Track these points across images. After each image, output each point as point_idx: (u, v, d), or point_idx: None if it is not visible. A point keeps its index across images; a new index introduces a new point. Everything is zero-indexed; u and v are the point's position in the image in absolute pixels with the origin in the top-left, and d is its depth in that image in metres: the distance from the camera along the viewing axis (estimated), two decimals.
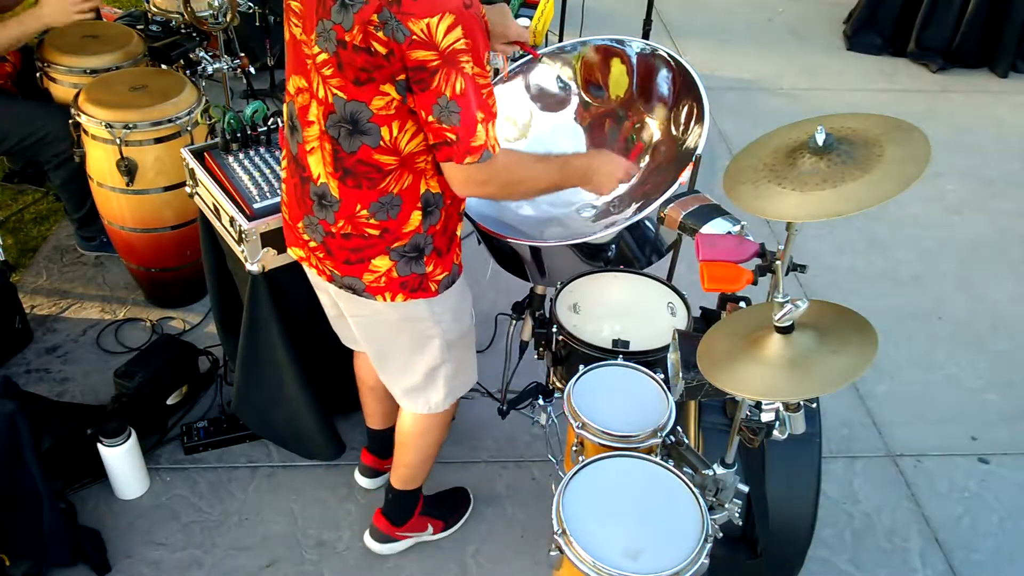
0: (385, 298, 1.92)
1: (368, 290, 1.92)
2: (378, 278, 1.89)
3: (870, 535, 2.61)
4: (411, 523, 2.42)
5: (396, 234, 1.85)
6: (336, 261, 1.91)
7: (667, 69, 2.38)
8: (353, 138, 1.73)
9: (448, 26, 1.56)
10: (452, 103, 1.61)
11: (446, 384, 2.14)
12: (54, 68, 3.16)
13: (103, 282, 3.38)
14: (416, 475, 2.35)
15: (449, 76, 1.59)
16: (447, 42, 1.57)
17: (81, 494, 2.58)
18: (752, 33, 5.62)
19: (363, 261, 1.88)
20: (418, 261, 1.89)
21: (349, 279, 1.92)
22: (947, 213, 4.04)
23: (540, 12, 3.69)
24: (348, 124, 1.71)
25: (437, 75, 1.59)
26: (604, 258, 2.21)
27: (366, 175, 1.77)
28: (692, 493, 1.70)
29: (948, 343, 3.32)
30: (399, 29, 1.55)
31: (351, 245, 1.87)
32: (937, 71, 5.21)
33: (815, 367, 1.45)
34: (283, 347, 2.41)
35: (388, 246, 1.86)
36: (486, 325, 3.09)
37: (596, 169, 1.96)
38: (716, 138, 4.38)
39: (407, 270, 1.89)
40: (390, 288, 1.91)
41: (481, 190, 1.78)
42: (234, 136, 2.46)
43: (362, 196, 1.80)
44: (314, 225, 1.90)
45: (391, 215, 1.82)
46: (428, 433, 2.25)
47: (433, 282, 1.94)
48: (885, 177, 1.40)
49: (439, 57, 1.58)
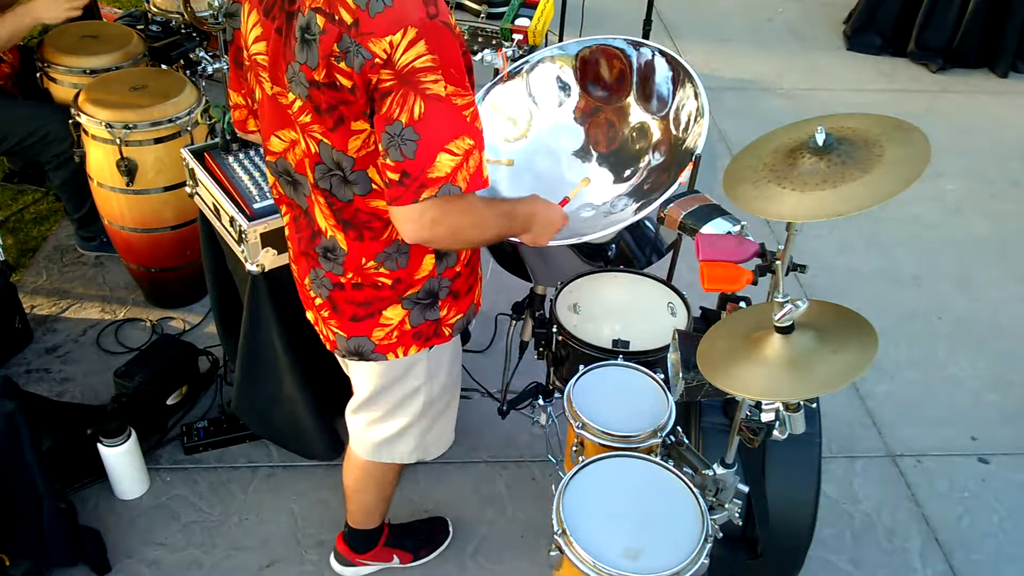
0: (397, 354, 1.81)
1: (378, 350, 1.80)
2: (389, 333, 1.78)
3: (870, 535, 2.61)
4: (373, 553, 2.35)
5: (408, 282, 1.74)
6: (342, 319, 1.79)
7: (667, 69, 2.38)
8: (344, 188, 1.61)
9: (409, 41, 1.40)
10: (407, 130, 1.43)
11: (417, 440, 2.03)
12: (54, 68, 3.16)
13: (103, 282, 3.38)
14: (367, 519, 2.28)
15: (405, 100, 1.42)
16: (405, 60, 1.41)
17: (81, 494, 2.58)
18: (752, 33, 5.62)
19: (373, 315, 1.76)
20: (432, 307, 1.78)
21: (356, 341, 1.80)
22: (947, 213, 4.04)
23: (540, 12, 3.69)
24: (338, 172, 1.59)
25: (388, 98, 1.43)
26: (604, 258, 2.21)
27: (366, 225, 1.66)
28: (692, 493, 1.70)
29: (948, 343, 3.32)
30: (359, 53, 1.42)
31: (362, 298, 1.75)
32: (937, 71, 5.21)
33: (815, 367, 1.45)
34: (283, 347, 2.41)
35: (401, 295, 1.75)
36: (486, 325, 3.10)
37: (536, 220, 1.82)
38: (716, 138, 4.38)
39: (420, 318, 1.78)
40: (402, 343, 1.80)
41: (432, 231, 1.54)
42: (234, 136, 2.46)
43: (366, 248, 1.68)
44: (320, 279, 1.78)
45: (400, 264, 1.71)
46: (365, 491, 2.16)
47: (447, 327, 1.84)
48: (885, 177, 1.40)
49: (394, 76, 1.42)
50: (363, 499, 2.22)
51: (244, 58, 1.71)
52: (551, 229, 1.87)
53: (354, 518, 2.29)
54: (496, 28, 3.54)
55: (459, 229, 1.59)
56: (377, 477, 2.15)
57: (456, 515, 2.58)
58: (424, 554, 2.45)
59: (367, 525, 2.30)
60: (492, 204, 1.77)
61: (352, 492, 2.21)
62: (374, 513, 2.28)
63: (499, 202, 1.88)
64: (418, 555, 2.44)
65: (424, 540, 2.46)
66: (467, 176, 1.50)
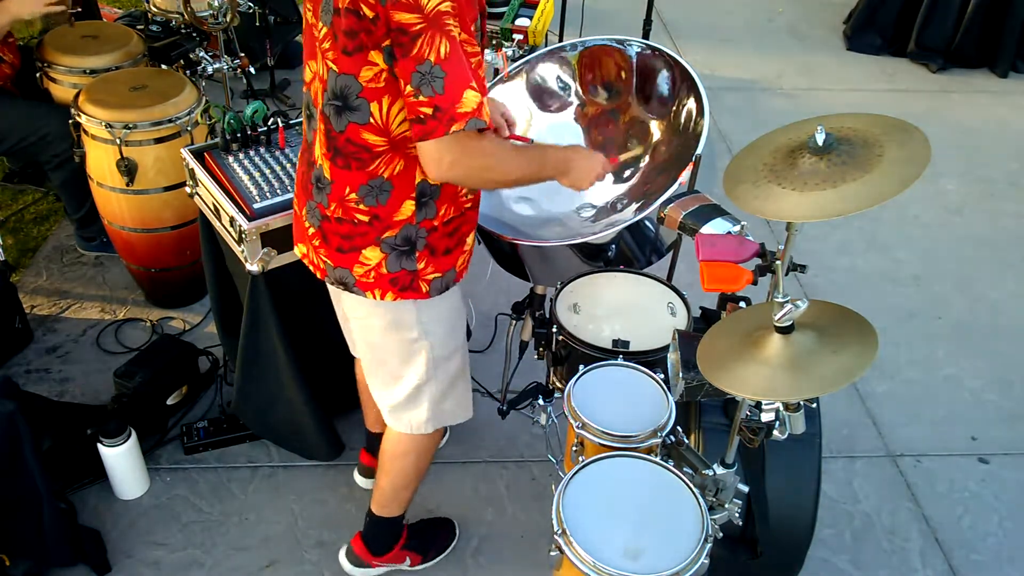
0: (375, 295, 1.87)
1: (358, 284, 1.88)
2: (367, 272, 1.85)
3: (870, 535, 2.61)
4: (390, 555, 2.36)
5: (387, 223, 1.81)
6: (330, 248, 1.88)
7: (667, 69, 2.38)
8: (342, 116, 1.70)
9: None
10: (436, 68, 1.54)
11: (431, 406, 2.07)
12: (54, 68, 3.16)
13: (103, 282, 3.38)
14: (393, 501, 2.28)
15: (433, 40, 1.53)
16: (432, 4, 1.51)
17: (81, 494, 2.58)
18: (752, 33, 5.62)
19: (354, 250, 1.85)
20: (409, 256, 1.84)
21: (340, 271, 1.88)
22: (947, 213, 4.04)
23: (540, 12, 3.69)
24: (338, 100, 1.69)
25: (419, 39, 1.53)
26: (604, 258, 2.21)
27: (355, 155, 1.74)
28: (692, 493, 1.70)
29: (948, 343, 3.32)
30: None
31: (343, 231, 1.83)
32: (937, 71, 5.21)
33: (815, 367, 1.45)
34: (283, 347, 2.41)
35: (378, 235, 1.82)
36: (486, 325, 3.10)
37: (574, 163, 1.88)
38: (716, 138, 4.38)
39: (397, 265, 1.85)
40: (379, 284, 1.86)
41: (452, 171, 1.66)
42: (234, 136, 2.46)
43: (351, 177, 1.77)
44: (313, 210, 1.88)
45: (380, 200, 1.78)
46: (404, 456, 2.18)
47: (423, 281, 1.88)
48: (885, 177, 1.40)
49: (423, 19, 1.52)
50: (399, 469, 2.20)
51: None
52: (591, 174, 1.90)
53: (381, 499, 2.27)
54: (496, 28, 3.54)
55: (480, 171, 1.70)
56: (419, 445, 2.17)
57: (456, 515, 2.58)
58: (432, 556, 2.45)
59: (391, 512, 2.29)
60: (520, 149, 1.88)
61: (388, 460, 2.20)
62: (403, 493, 2.27)
63: (531, 147, 1.97)
64: (427, 556, 2.44)
65: (432, 540, 2.47)
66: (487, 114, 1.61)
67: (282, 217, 2.28)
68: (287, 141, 2.50)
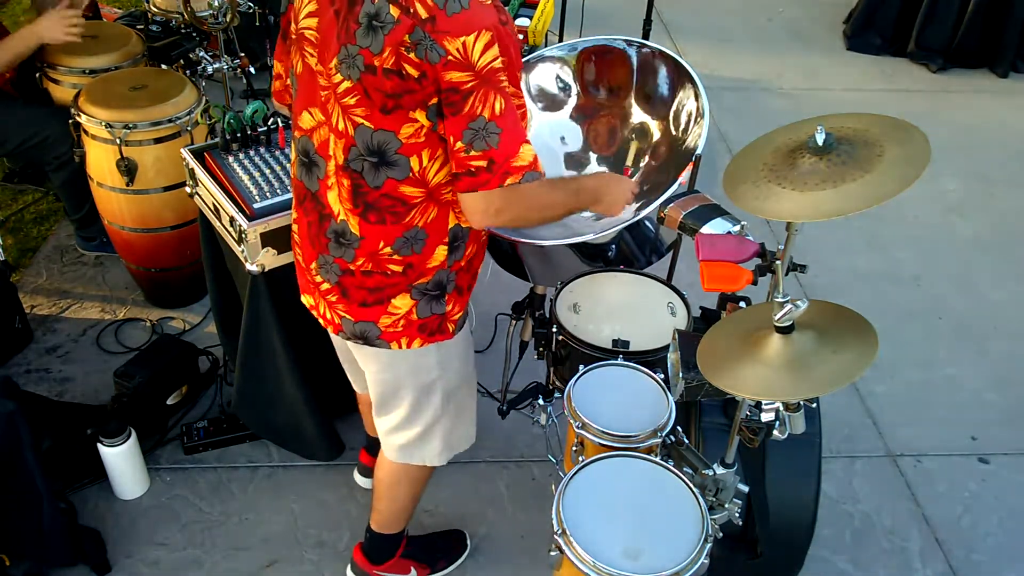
0: (400, 344, 1.83)
1: (383, 336, 1.82)
2: (396, 321, 1.81)
3: (870, 535, 2.61)
4: (390, 564, 2.33)
5: (420, 270, 1.77)
6: (351, 304, 1.82)
7: (667, 69, 2.38)
8: (379, 171, 1.65)
9: (485, 44, 1.51)
10: (491, 124, 1.55)
11: (443, 439, 2.06)
12: (54, 69, 3.16)
13: (103, 282, 3.38)
14: (393, 521, 2.27)
15: (487, 97, 1.53)
16: (484, 61, 1.51)
17: (81, 494, 2.58)
18: (752, 33, 5.62)
19: (382, 302, 1.79)
20: (439, 300, 1.82)
21: (363, 325, 1.82)
22: (947, 213, 4.04)
23: (540, 12, 3.69)
24: (373, 157, 1.64)
25: (471, 97, 1.53)
26: (604, 258, 2.21)
27: (390, 209, 1.69)
28: (692, 493, 1.70)
29: (948, 343, 3.32)
30: (434, 48, 1.50)
31: (371, 284, 1.78)
32: (937, 71, 5.21)
33: (815, 367, 1.45)
34: (283, 347, 2.41)
35: (411, 283, 1.78)
36: (486, 325, 3.10)
37: (606, 190, 1.87)
38: (716, 138, 4.39)
39: (427, 311, 1.81)
40: (407, 333, 1.82)
41: (498, 219, 1.66)
42: (234, 136, 2.46)
43: (386, 232, 1.72)
44: (328, 265, 1.81)
45: (415, 250, 1.74)
46: (401, 485, 2.17)
47: (451, 322, 1.87)
48: (885, 177, 1.40)
49: (476, 77, 1.52)
50: (395, 496, 2.19)
51: (292, 31, 1.74)
52: (622, 199, 1.91)
53: (379, 519, 2.26)
54: None
55: (524, 215, 1.70)
56: (412, 476, 2.16)
57: (456, 515, 2.58)
58: (442, 567, 2.43)
59: (390, 529, 2.28)
60: (556, 184, 1.87)
61: (385, 489, 2.19)
62: (400, 515, 2.26)
63: (565, 181, 1.98)
64: (436, 568, 2.42)
65: (442, 553, 2.44)
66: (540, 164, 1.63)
67: (282, 217, 2.28)
68: (287, 141, 2.50)
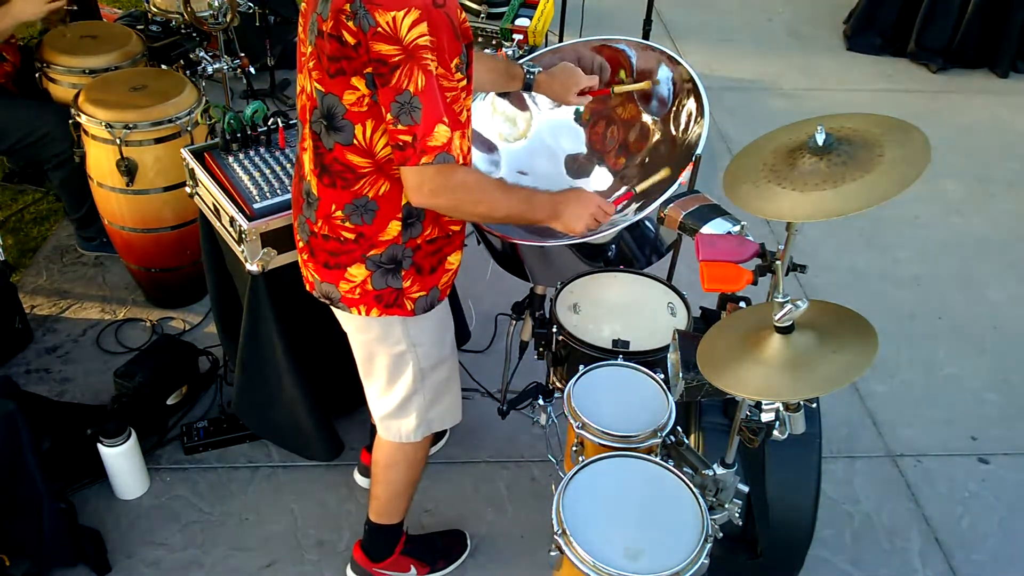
0: (360, 311, 1.90)
1: (343, 300, 1.90)
2: (353, 288, 1.88)
3: (870, 535, 2.61)
4: (390, 561, 2.34)
5: (372, 241, 1.83)
6: (317, 264, 1.91)
7: (667, 70, 2.38)
8: (329, 135, 1.74)
9: (413, 21, 1.56)
10: (415, 99, 1.60)
11: (419, 415, 2.10)
12: (53, 68, 3.16)
13: (103, 282, 3.38)
14: (388, 509, 2.28)
15: (412, 72, 1.59)
16: (411, 36, 1.57)
17: (81, 494, 2.58)
18: (752, 33, 5.62)
19: (340, 267, 1.87)
20: (395, 274, 1.87)
21: (326, 286, 1.91)
22: (947, 213, 4.04)
23: (540, 12, 3.69)
24: (325, 120, 1.73)
25: (398, 71, 1.59)
26: (604, 258, 2.21)
27: (340, 174, 1.78)
28: (692, 493, 1.70)
29: (948, 343, 3.32)
30: (366, 18, 1.57)
31: (329, 248, 1.86)
32: (937, 71, 5.20)
33: (815, 367, 1.45)
34: (283, 347, 2.41)
35: (364, 253, 1.84)
36: (486, 325, 3.10)
37: (564, 207, 1.87)
38: (716, 138, 4.38)
39: (382, 283, 1.87)
40: (364, 301, 1.89)
41: (433, 199, 1.71)
42: (234, 136, 2.46)
43: (336, 196, 1.80)
44: (303, 224, 1.92)
45: (365, 220, 1.81)
46: (395, 466, 2.19)
47: (409, 299, 1.90)
48: (885, 177, 1.40)
49: (402, 52, 1.58)
50: (390, 479, 2.21)
51: None
52: (582, 219, 1.89)
53: (377, 506, 2.27)
54: (496, 28, 3.54)
55: (461, 203, 1.74)
56: (407, 457, 2.18)
57: (456, 515, 2.58)
58: (441, 566, 2.43)
59: (387, 519, 2.29)
60: (507, 187, 1.96)
61: (381, 471, 2.21)
62: (397, 503, 2.27)
63: (520, 188, 2.01)
64: (435, 567, 2.42)
65: (442, 553, 2.45)
66: (460, 152, 1.67)
67: (282, 217, 2.28)
68: (287, 141, 2.50)
